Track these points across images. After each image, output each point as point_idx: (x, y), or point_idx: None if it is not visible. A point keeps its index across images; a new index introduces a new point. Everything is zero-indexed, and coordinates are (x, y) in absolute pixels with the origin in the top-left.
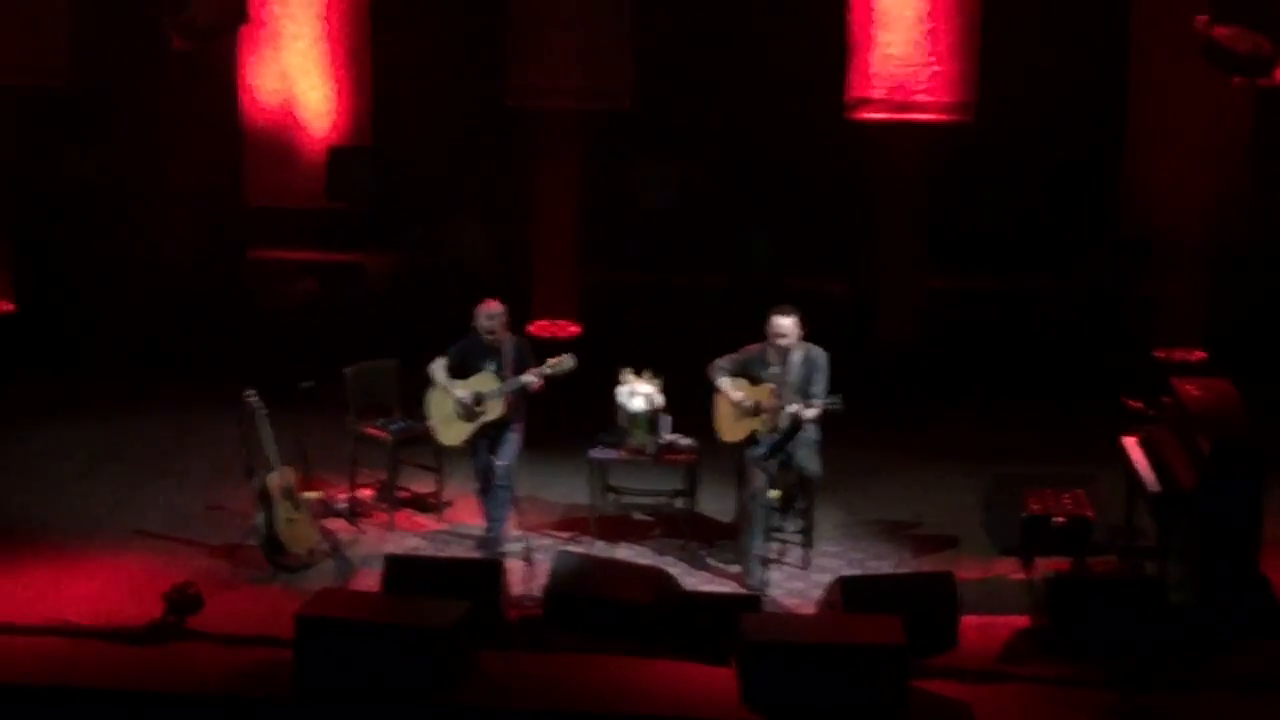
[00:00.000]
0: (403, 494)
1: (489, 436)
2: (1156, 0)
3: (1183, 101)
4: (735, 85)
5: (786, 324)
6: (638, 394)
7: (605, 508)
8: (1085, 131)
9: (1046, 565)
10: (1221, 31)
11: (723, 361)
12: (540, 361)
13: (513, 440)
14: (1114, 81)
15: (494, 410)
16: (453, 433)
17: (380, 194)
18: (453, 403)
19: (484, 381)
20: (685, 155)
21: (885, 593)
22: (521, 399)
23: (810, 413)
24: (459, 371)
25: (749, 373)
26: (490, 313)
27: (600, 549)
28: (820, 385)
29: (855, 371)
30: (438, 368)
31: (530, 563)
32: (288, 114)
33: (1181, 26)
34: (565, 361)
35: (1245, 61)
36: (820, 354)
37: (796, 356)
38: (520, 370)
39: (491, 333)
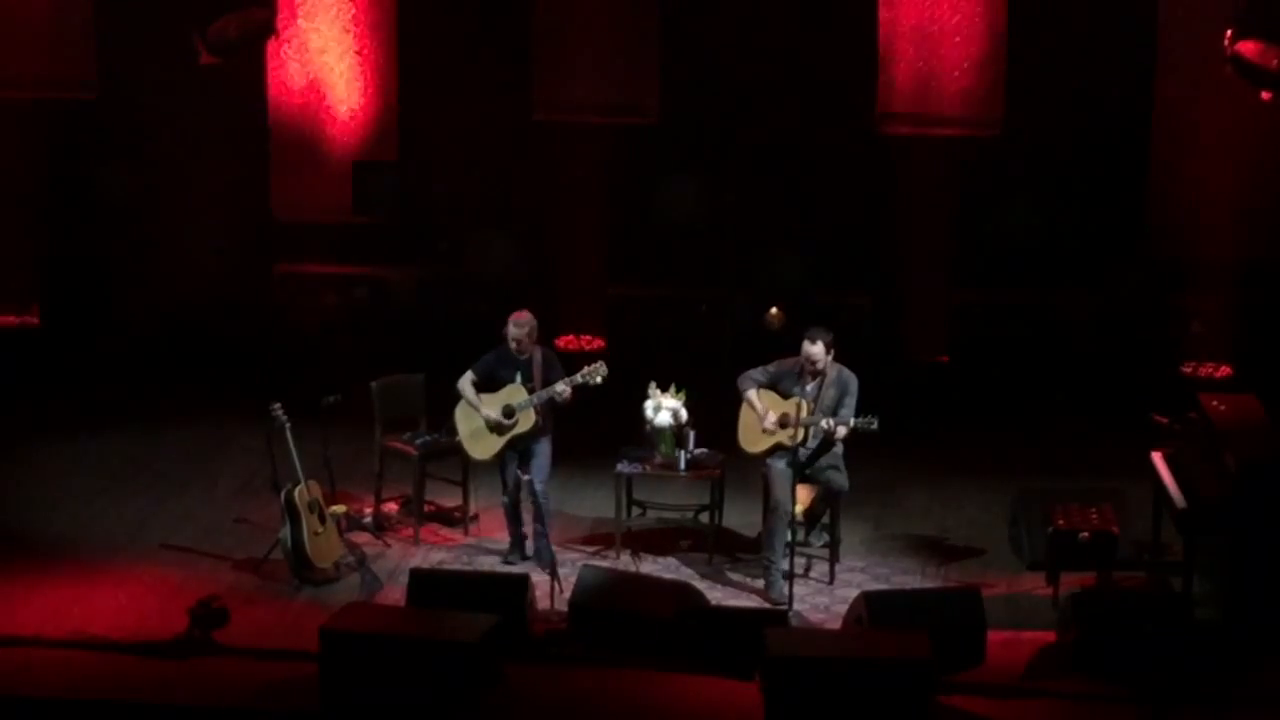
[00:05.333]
0: (428, 508)
1: (518, 450)
2: (1184, 15)
3: (1210, 116)
4: (763, 100)
5: (816, 351)
6: (664, 408)
7: (630, 522)
8: (1113, 145)
9: (1073, 581)
10: (1249, 47)
11: (754, 373)
12: (567, 372)
13: (544, 454)
14: (1141, 96)
15: (524, 422)
16: (482, 447)
17: (406, 208)
18: (481, 417)
19: (512, 394)
20: (712, 170)
21: (911, 608)
22: (550, 410)
23: (843, 430)
24: (487, 384)
25: (779, 386)
26: (519, 321)
27: (625, 563)
28: (849, 408)
29: (882, 385)
30: (465, 383)
31: (555, 577)
32: (313, 129)
33: (1209, 41)
34: (598, 370)
35: (1273, 77)
36: (851, 377)
37: (829, 377)
38: (548, 382)
39: (518, 341)
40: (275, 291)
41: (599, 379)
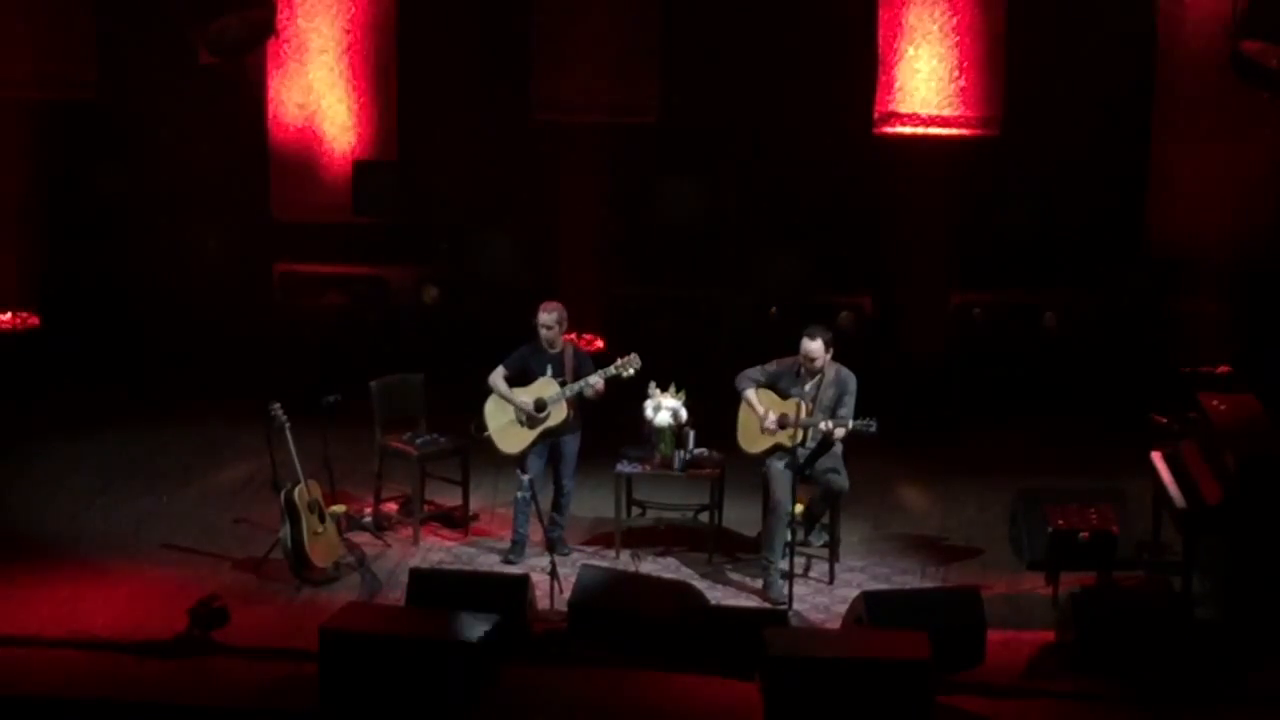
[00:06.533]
0: (428, 508)
1: (548, 445)
2: (1184, 15)
3: (1210, 117)
4: (762, 99)
5: (815, 348)
6: (664, 408)
7: (630, 521)
8: (1113, 146)
9: (1073, 580)
10: (1250, 47)
11: (753, 372)
12: (597, 367)
13: (574, 453)
14: (1142, 96)
15: (557, 415)
16: (513, 440)
17: (406, 208)
18: (514, 410)
19: (545, 387)
20: (711, 169)
21: (911, 608)
22: (581, 405)
23: (842, 432)
24: (518, 380)
25: (778, 385)
26: (549, 308)
27: (625, 563)
28: (848, 407)
29: (882, 385)
30: (497, 377)
31: (555, 577)
32: (314, 128)
33: (1209, 41)
34: (632, 361)
35: (1273, 77)
36: (850, 376)
37: (827, 376)
38: (579, 376)
39: (549, 328)
40: (275, 291)
41: (632, 370)
